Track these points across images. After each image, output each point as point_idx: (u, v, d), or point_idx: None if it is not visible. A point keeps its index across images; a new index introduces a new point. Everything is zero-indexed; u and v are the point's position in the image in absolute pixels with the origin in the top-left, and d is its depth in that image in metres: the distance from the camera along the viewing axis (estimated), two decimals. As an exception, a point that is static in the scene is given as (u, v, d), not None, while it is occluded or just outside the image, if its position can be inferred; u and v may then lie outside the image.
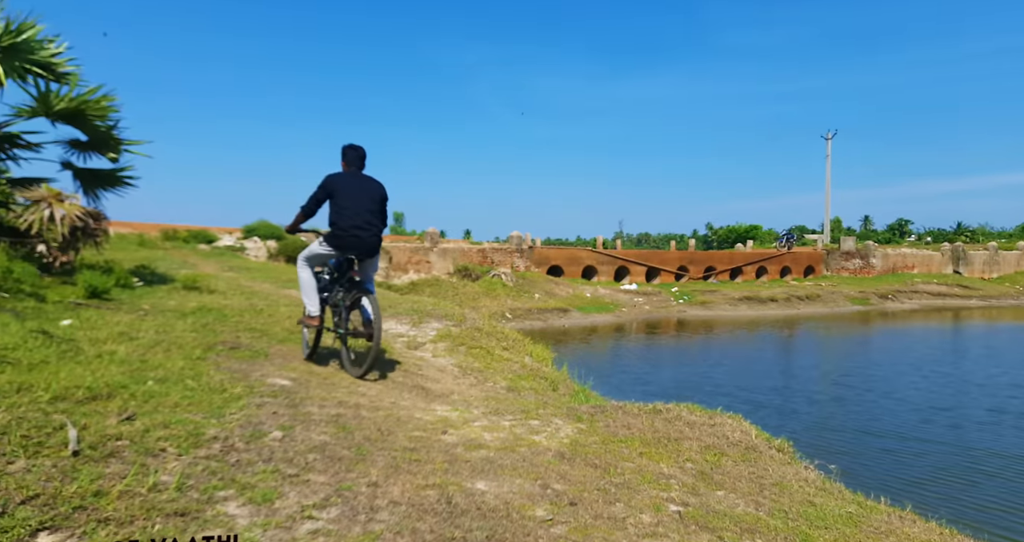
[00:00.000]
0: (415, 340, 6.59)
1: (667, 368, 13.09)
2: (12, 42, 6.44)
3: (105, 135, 7.44)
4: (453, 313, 7.86)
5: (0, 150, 7.33)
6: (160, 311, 6.09)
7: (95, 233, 7.28)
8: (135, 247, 13.64)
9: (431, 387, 4.58)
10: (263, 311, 6.77)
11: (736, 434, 3.17)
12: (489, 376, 5.92)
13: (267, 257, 16.11)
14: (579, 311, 20.43)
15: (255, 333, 5.47)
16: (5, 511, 1.52)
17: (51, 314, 5.02)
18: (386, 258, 19.19)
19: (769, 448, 3.21)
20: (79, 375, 2.75)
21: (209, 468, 1.95)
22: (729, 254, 33.89)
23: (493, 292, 19.56)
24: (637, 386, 10.71)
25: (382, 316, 4.27)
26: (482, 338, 7.09)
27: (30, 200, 6.69)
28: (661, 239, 79.64)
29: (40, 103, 6.78)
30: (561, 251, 27.45)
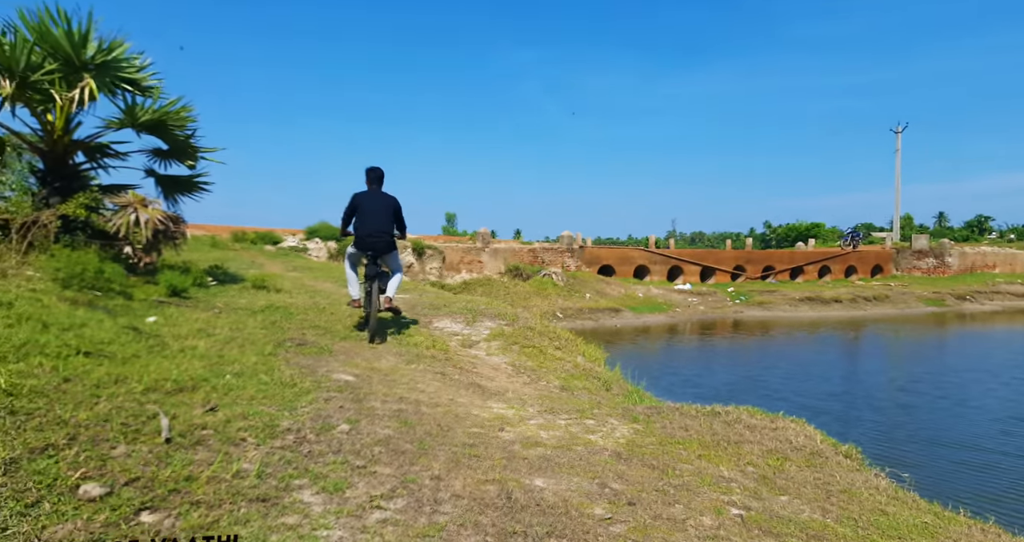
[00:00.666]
0: (469, 338, 6.71)
1: (721, 370, 12.74)
2: (104, 60, 6.98)
3: (184, 144, 7.96)
4: (505, 312, 7.94)
5: (92, 159, 7.98)
6: (232, 309, 6.47)
7: (175, 236, 7.81)
8: (208, 248, 14.50)
9: (486, 385, 4.66)
10: (325, 309, 7.07)
11: (800, 439, 3.07)
12: (542, 375, 5.96)
13: (328, 257, 16.75)
14: (631, 311, 20.15)
15: (319, 330, 5.72)
16: (112, 491, 1.68)
17: (138, 311, 5.43)
18: (439, 258, 19.57)
19: (836, 454, 3.09)
20: (166, 368, 2.98)
21: (285, 458, 2.08)
22: (789, 253, 32.52)
23: (544, 292, 19.58)
24: (690, 388, 10.48)
25: (438, 314, 5.74)
26: (535, 337, 7.13)
27: (118, 205, 7.24)
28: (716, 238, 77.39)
29: (127, 115, 7.32)
30: (612, 250, 27.14)
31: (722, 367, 13.08)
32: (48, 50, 6.62)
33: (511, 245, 22.46)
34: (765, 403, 8.94)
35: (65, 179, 7.19)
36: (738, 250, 32.00)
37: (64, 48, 6.63)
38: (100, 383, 2.46)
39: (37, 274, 5.34)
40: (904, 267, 32.21)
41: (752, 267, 29.84)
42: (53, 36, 6.54)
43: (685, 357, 14.29)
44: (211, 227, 18.66)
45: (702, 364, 13.44)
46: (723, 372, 12.43)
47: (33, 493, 1.54)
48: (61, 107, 6.75)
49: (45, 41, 6.57)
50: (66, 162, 7.23)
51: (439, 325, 7.08)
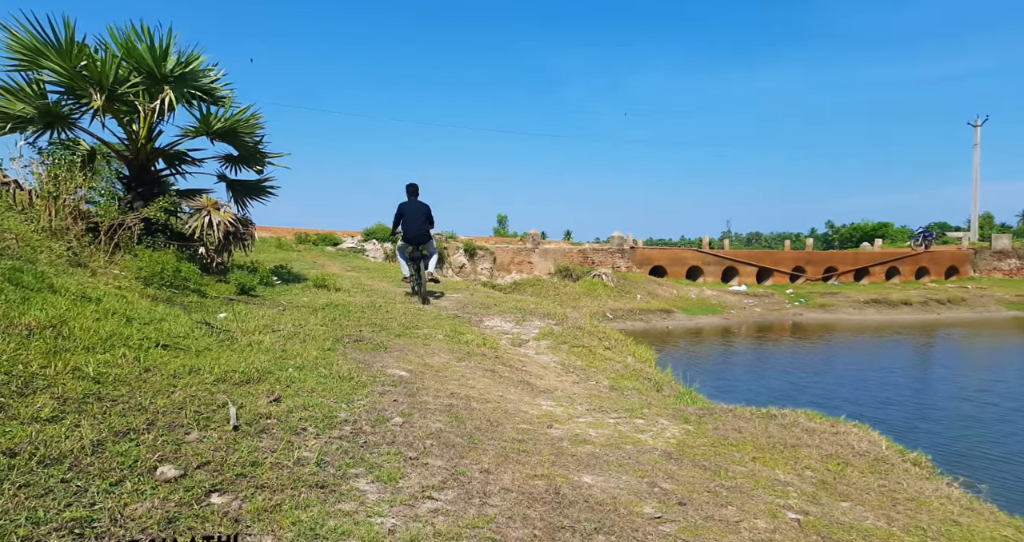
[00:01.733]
0: (519, 337, 6.76)
1: (775, 374, 12.22)
2: (182, 72, 7.46)
3: (252, 150, 8.41)
4: (555, 312, 7.95)
5: (171, 165, 8.55)
6: (295, 306, 6.78)
7: (244, 237, 8.25)
8: (274, 249, 15.23)
9: (535, 383, 4.69)
10: (382, 307, 7.30)
11: (863, 444, 2.93)
12: (591, 374, 5.93)
13: (384, 258, 17.24)
14: (683, 312, 19.68)
15: (375, 327, 5.92)
16: (186, 473, 1.82)
17: (210, 307, 5.79)
18: (490, 259, 19.77)
19: (903, 461, 2.93)
20: (235, 361, 3.17)
21: (342, 447, 2.18)
22: (853, 254, 30.85)
23: (594, 292, 19.42)
24: (742, 390, 10.13)
25: (488, 313, 7.72)
26: (584, 337, 7.11)
27: (193, 209, 7.73)
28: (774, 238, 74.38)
29: (202, 123, 7.80)
30: (664, 251, 26.61)
31: (777, 371, 12.56)
32: (133, 64, 7.14)
33: (561, 246, 22.41)
34: (819, 409, 8.57)
35: (147, 184, 7.73)
36: (797, 251, 30.63)
37: (147, 62, 7.13)
38: (176, 373, 2.66)
39: (122, 273, 5.79)
40: (983, 268, 29.95)
41: (813, 268, 28.50)
42: (138, 51, 7.04)
43: (738, 360, 13.83)
44: (277, 229, 19.59)
45: (756, 367, 12.98)
46: (777, 376, 11.94)
47: (117, 473, 1.68)
48: (144, 117, 7.27)
49: (131, 56, 7.09)
50: (148, 169, 7.77)
51: (489, 324, 7.17)
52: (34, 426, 1.73)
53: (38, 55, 6.48)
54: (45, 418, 1.80)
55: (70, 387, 2.06)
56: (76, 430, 1.78)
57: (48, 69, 6.52)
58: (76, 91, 6.78)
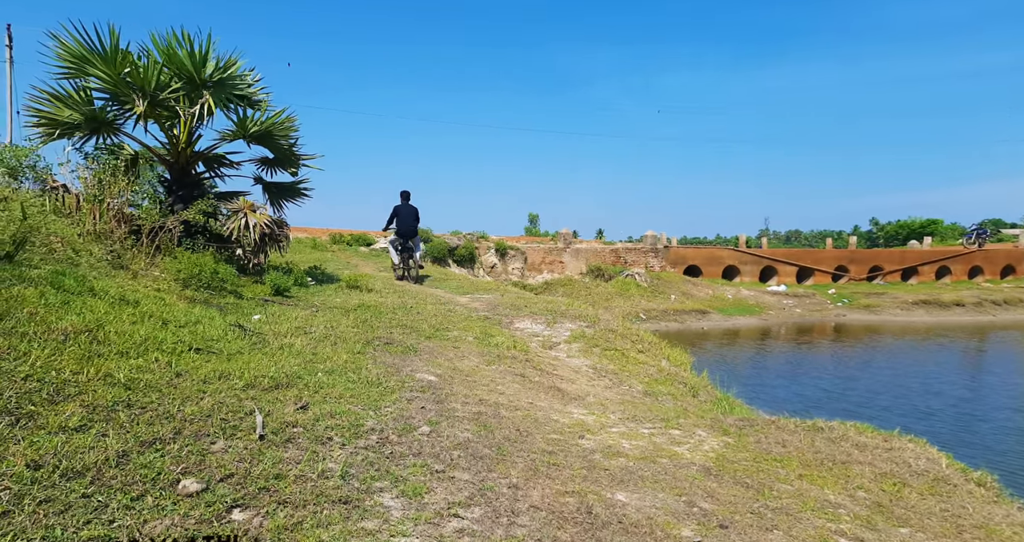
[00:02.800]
0: (550, 340, 6.65)
1: (816, 378, 11.73)
2: (221, 77, 7.61)
3: (287, 152, 8.54)
4: (586, 314, 7.81)
5: (210, 169, 8.76)
6: (328, 307, 6.84)
7: (279, 239, 8.39)
8: (309, 249, 15.51)
9: (566, 388, 4.58)
10: (412, 308, 7.30)
11: (920, 462, 2.72)
12: (624, 379, 5.78)
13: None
14: (719, 313, 19.18)
15: (405, 329, 5.90)
16: (208, 487, 1.78)
17: (245, 309, 5.87)
18: (521, 258, 19.69)
19: (966, 481, 2.71)
20: (265, 365, 3.17)
21: (368, 458, 2.13)
22: (900, 252, 29.53)
23: (627, 293, 19.12)
24: (781, 396, 9.76)
25: (519, 315, 7.38)
26: (616, 340, 6.95)
27: (231, 211, 7.89)
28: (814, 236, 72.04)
29: (239, 127, 7.96)
30: (699, 250, 26.01)
31: (816, 375, 12.07)
32: (174, 70, 7.32)
33: (593, 245, 22.14)
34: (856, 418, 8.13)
35: (187, 187, 7.92)
36: (840, 249, 29.53)
37: (187, 68, 7.29)
38: (206, 379, 2.66)
39: (163, 274, 5.93)
40: (1045, 267, 28.26)
41: (856, 267, 27.41)
42: (178, 57, 7.21)
43: (776, 363, 13.36)
44: (313, 230, 19.97)
45: (794, 371, 12.51)
46: (816, 381, 11.46)
47: (139, 486, 1.66)
48: (184, 122, 7.45)
49: (172, 62, 7.26)
50: (188, 172, 7.97)
51: (520, 326, 7.09)
52: (61, 436, 1.73)
53: (85, 63, 6.70)
54: (73, 427, 1.80)
55: (100, 394, 2.07)
56: (102, 440, 1.77)
57: (94, 76, 6.74)
58: (120, 97, 6.99)
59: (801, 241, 69.58)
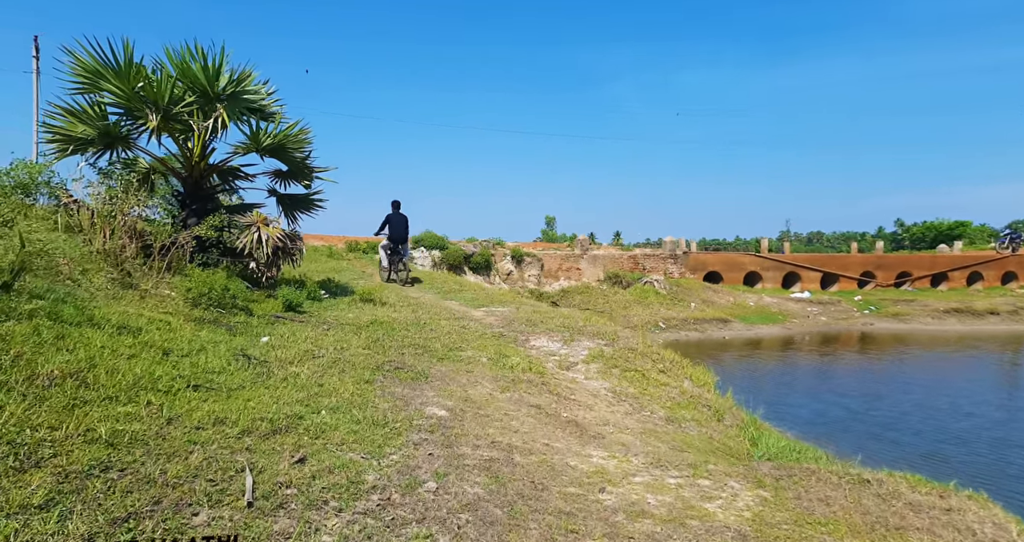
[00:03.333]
0: (567, 359, 6.42)
1: (842, 393, 11.27)
2: (234, 90, 7.54)
3: (301, 165, 8.44)
4: (605, 331, 7.56)
5: (224, 181, 8.70)
6: (340, 324, 6.70)
7: (292, 252, 8.29)
8: (326, 258, 15.47)
9: (584, 419, 4.35)
10: (426, 325, 7.13)
11: (986, 528, 2.43)
12: (645, 403, 5.53)
13: (432, 265, 17.23)
14: (741, 321, 18.72)
15: (418, 350, 5.73)
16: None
17: (255, 328, 5.75)
18: (537, 265, 19.46)
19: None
20: (266, 403, 3.00)
21: (366, 528, 1.93)
22: (930, 257, 28.66)
23: (645, 300, 18.77)
24: (807, 415, 9.37)
25: (534, 331, 7.20)
26: (636, 359, 6.69)
27: (243, 225, 7.81)
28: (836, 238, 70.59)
29: (251, 140, 7.88)
30: (719, 256, 25.51)
31: (844, 391, 11.61)
32: (187, 84, 7.27)
33: (610, 251, 21.83)
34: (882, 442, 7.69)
35: (201, 201, 7.86)
36: (866, 254, 28.77)
37: (201, 81, 7.23)
38: (200, 424, 2.49)
39: (172, 293, 5.84)
40: (1085, 274, 27.18)
41: (883, 273, 26.64)
42: (192, 70, 7.15)
43: (801, 376, 12.92)
44: (329, 237, 19.99)
45: (819, 385, 12.07)
46: (842, 397, 10.99)
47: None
48: (198, 136, 7.39)
49: (185, 75, 7.21)
50: (202, 186, 7.91)
51: (536, 344, 6.87)
52: (18, 519, 1.55)
53: (99, 77, 6.66)
54: (36, 505, 1.62)
55: (77, 456, 1.91)
56: (66, 523, 1.59)
57: (107, 91, 6.70)
58: (133, 112, 6.94)
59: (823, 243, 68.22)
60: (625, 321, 16.61)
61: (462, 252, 17.50)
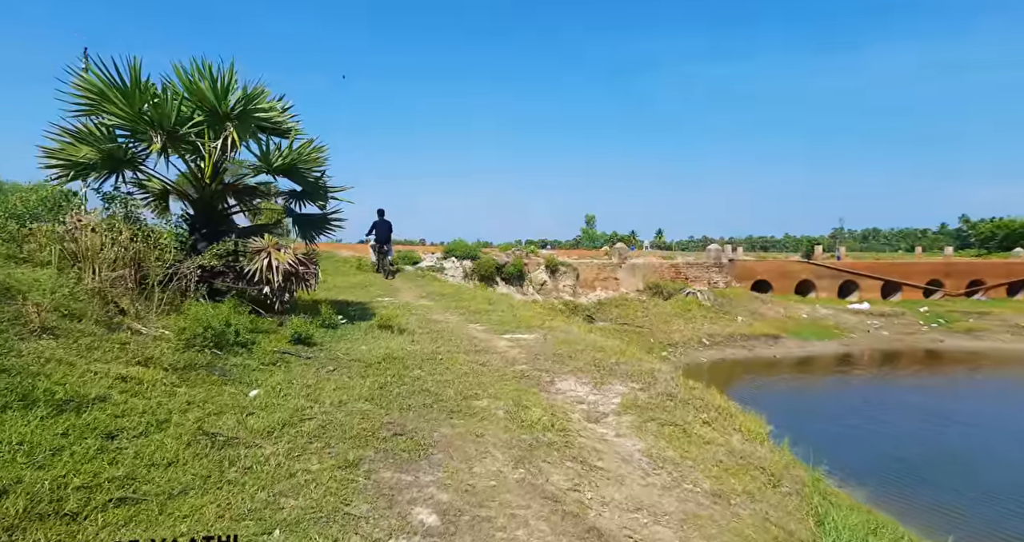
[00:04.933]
0: (595, 409, 5.69)
1: (914, 435, 10.03)
2: (245, 108, 7.13)
3: (315, 185, 8.00)
4: (640, 370, 6.77)
5: (240, 202, 8.35)
6: (349, 361, 6.19)
7: (306, 278, 7.86)
8: (354, 271, 15.18)
9: (611, 499, 3.63)
10: (443, 361, 6.55)
11: None
12: (686, 471, 4.75)
13: (463, 276, 16.73)
14: (793, 337, 17.42)
15: (428, 399, 5.14)
16: None
17: (251, 373, 5.27)
18: (572, 275, 18.68)
19: None
20: (207, 518, 2.46)
21: None
22: (1005, 264, 26.26)
23: (688, 313, 17.72)
24: (870, 461, 8.29)
25: (561, 370, 6.57)
26: (677, 409, 5.89)
27: (254, 250, 7.41)
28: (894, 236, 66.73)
29: (262, 160, 7.47)
30: (769, 264, 24.03)
31: (913, 427, 10.37)
32: (195, 102, 6.90)
33: (650, 260, 20.80)
34: (968, 506, 6.59)
35: (212, 224, 7.51)
36: (932, 259, 26.68)
37: (209, 100, 6.85)
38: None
39: (167, 332, 5.42)
40: None
41: (953, 282, 24.51)
42: (200, 89, 6.78)
43: (866, 404, 11.69)
44: (361, 248, 19.81)
45: (885, 420, 10.85)
46: (915, 440, 9.77)
47: None
48: (209, 156, 7.01)
49: (193, 94, 6.84)
50: (214, 208, 7.56)
51: (561, 387, 6.15)
52: None
53: (103, 98, 6.35)
54: None
55: None
56: None
57: (111, 113, 6.38)
58: (138, 133, 6.62)
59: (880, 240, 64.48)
60: (666, 337, 15.66)
61: (494, 262, 16.91)
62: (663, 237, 71.40)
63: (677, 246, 59.00)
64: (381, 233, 14.70)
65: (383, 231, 14.70)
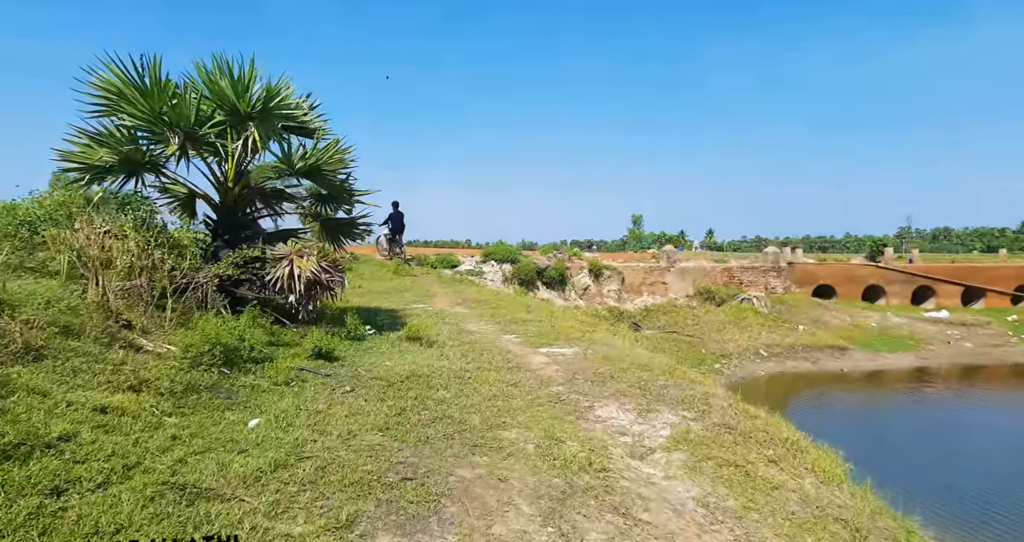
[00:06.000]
0: (640, 442, 4.95)
1: (1008, 466, 8.71)
2: (266, 107, 6.76)
3: (339, 188, 7.58)
4: (693, 396, 5.98)
5: (268, 206, 8.03)
6: (371, 379, 5.72)
7: (331, 286, 7.45)
8: (391, 275, 14.83)
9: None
10: (471, 380, 5.97)
11: None
12: (751, 527, 3.96)
13: (502, 281, 16.16)
14: (862, 348, 15.94)
15: (449, 428, 4.58)
16: None
17: (262, 394, 4.85)
18: (617, 279, 17.79)
19: None
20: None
21: None
22: (1111, 268, 23.54)
23: (743, 321, 16.53)
24: (985, 506, 7.15)
25: (601, 394, 5.78)
26: (737, 444, 5.08)
27: (276, 256, 7.04)
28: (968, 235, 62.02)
29: (284, 162, 7.10)
30: (832, 267, 22.32)
31: (1006, 458, 9.02)
32: (215, 101, 6.59)
33: (701, 263, 19.62)
34: None
35: (235, 229, 7.20)
36: (1020, 262, 24.18)
37: (230, 98, 6.52)
38: None
39: (174, 348, 5.06)
40: None
41: (1047, 288, 22.06)
42: (219, 87, 6.46)
43: (956, 429, 10.36)
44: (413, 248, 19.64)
45: (986, 445, 9.53)
46: (1009, 463, 8.47)
47: None
48: (232, 157, 6.69)
49: (213, 93, 6.53)
50: (237, 213, 7.25)
51: (602, 414, 5.44)
52: None
53: (122, 98, 6.09)
54: None
55: None
56: None
57: (127, 113, 6.12)
58: (157, 134, 6.35)
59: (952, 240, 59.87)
60: (719, 347, 14.60)
61: (534, 266, 16.24)
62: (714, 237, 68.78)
63: (728, 246, 56.56)
64: (395, 223, 16.19)
65: (397, 222, 16.18)
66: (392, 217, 16.13)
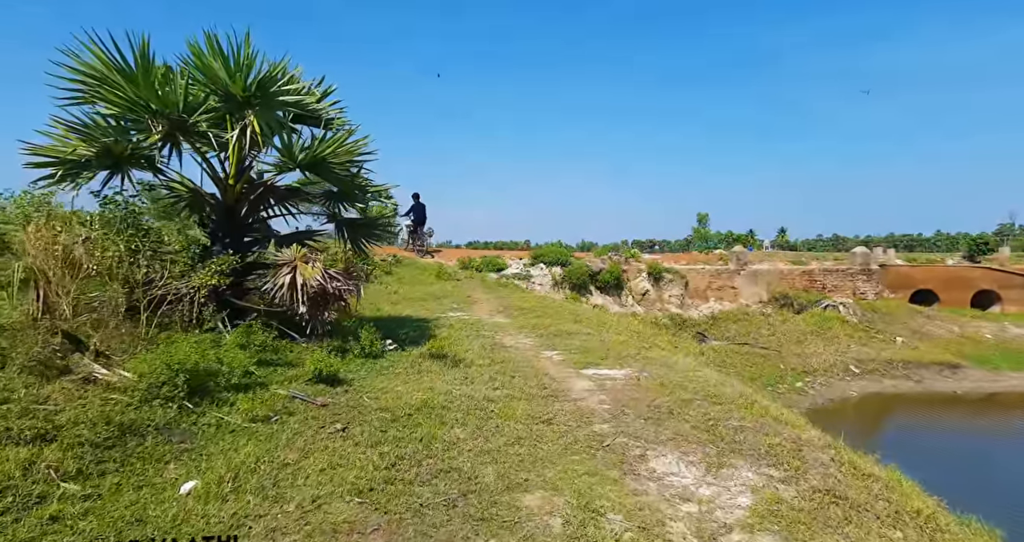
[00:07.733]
0: (711, 514, 3.62)
1: None
2: (266, 92, 5.92)
3: (349, 184, 6.68)
4: (781, 442, 4.56)
5: (281, 204, 7.24)
6: (373, 410, 4.71)
7: (341, 296, 6.55)
8: (432, 279, 13.95)
9: None
10: (494, 414, 4.85)
11: None
12: None
13: (552, 285, 14.95)
14: (977, 365, 13.53)
15: (452, 488, 3.51)
16: None
17: (228, 435, 3.94)
18: (680, 284, 16.13)
19: None
20: None
21: None
22: None
23: (827, 331, 14.48)
24: None
25: (659, 436, 4.62)
26: (849, 522, 3.65)
27: (277, 263, 6.19)
28: (1089, 233, 54.82)
29: (285, 155, 6.26)
30: (933, 270, 19.55)
31: None
32: (209, 85, 5.79)
33: (776, 265, 17.55)
34: None
35: (236, 231, 6.42)
36: None
37: (223, 81, 5.71)
38: None
39: (131, 375, 4.23)
40: None
41: None
42: (212, 69, 5.66)
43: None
44: (450, 252, 18.90)
45: None
46: None
47: None
48: (233, 151, 5.90)
49: (206, 75, 5.74)
50: (237, 213, 6.46)
51: (656, 467, 4.15)
52: None
53: (103, 82, 5.38)
54: None
55: None
56: None
57: (109, 101, 5.41)
58: (140, 123, 5.62)
59: (1066, 240, 52.90)
60: (800, 362, 12.74)
61: (587, 269, 14.91)
62: (786, 236, 64.17)
63: (803, 246, 52.52)
64: (418, 214, 16.62)
65: (419, 213, 16.62)
66: (415, 209, 16.50)
